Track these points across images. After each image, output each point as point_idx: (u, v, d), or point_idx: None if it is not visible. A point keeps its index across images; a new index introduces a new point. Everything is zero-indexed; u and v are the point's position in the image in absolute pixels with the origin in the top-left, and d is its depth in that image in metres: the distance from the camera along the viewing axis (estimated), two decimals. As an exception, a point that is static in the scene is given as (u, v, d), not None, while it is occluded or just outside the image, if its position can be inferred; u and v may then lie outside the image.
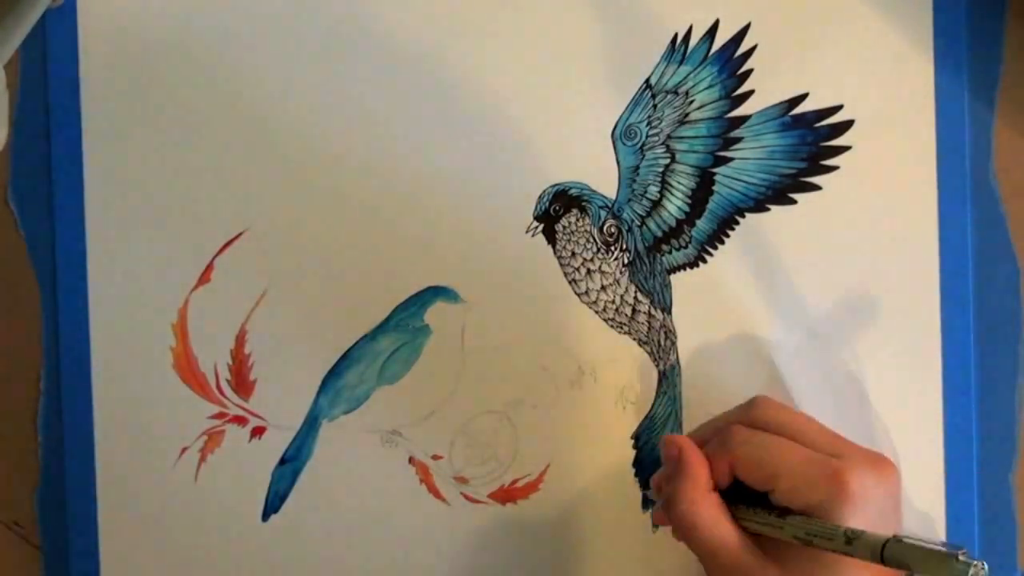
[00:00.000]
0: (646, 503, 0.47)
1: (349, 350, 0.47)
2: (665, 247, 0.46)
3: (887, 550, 0.34)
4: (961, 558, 0.32)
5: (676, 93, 0.46)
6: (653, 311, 0.46)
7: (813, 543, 0.37)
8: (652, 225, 0.46)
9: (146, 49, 0.47)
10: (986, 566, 0.32)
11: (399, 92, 0.46)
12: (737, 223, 0.46)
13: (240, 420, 0.47)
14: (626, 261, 0.46)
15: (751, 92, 0.46)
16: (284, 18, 0.46)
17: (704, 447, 0.41)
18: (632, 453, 0.46)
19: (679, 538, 0.41)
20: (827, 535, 0.37)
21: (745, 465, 0.40)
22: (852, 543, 0.36)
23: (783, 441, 0.40)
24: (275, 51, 0.46)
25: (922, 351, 0.45)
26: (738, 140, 0.46)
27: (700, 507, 0.39)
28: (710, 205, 0.46)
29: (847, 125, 0.45)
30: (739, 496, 0.40)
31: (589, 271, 0.46)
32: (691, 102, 0.46)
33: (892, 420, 0.45)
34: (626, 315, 0.46)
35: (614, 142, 0.46)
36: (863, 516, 0.37)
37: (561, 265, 0.46)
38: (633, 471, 0.46)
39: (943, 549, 0.33)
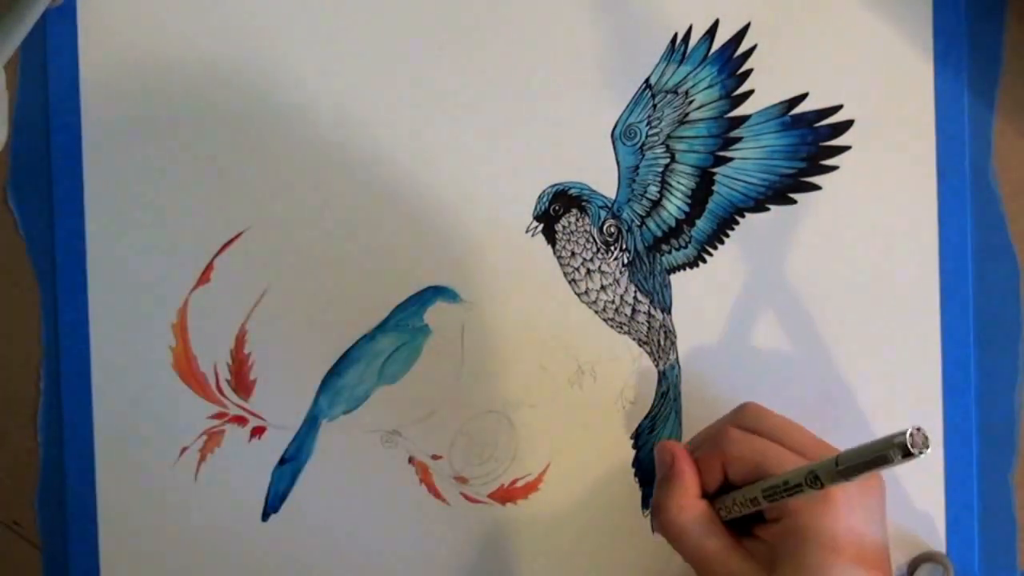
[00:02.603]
0: (646, 503, 0.47)
1: (349, 350, 0.47)
2: (665, 247, 0.46)
3: (840, 462, 0.35)
4: (898, 439, 0.33)
5: (676, 93, 0.46)
6: (653, 311, 0.46)
7: (778, 497, 0.38)
8: (652, 225, 0.46)
9: (146, 49, 0.47)
10: (921, 429, 0.32)
11: (399, 92, 0.46)
12: (737, 223, 0.46)
13: (240, 420, 0.47)
14: (626, 261, 0.46)
15: (751, 92, 0.46)
16: (284, 18, 0.46)
17: (696, 453, 0.42)
18: (632, 453, 0.47)
19: (669, 542, 0.41)
20: (781, 484, 0.37)
21: (735, 465, 0.40)
22: (814, 474, 0.36)
23: (771, 444, 0.40)
24: (275, 51, 0.46)
25: (922, 351, 0.45)
26: (738, 140, 0.46)
27: (688, 514, 0.40)
28: (710, 205, 0.46)
29: (847, 125, 0.45)
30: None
31: (589, 271, 0.46)
32: (691, 102, 0.46)
33: (892, 420, 0.45)
34: (626, 315, 0.46)
35: (614, 142, 0.46)
36: (845, 523, 0.37)
37: (561, 265, 0.46)
38: (633, 471, 0.46)
39: (882, 438, 0.34)
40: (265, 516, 0.47)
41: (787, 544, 0.38)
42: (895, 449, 0.33)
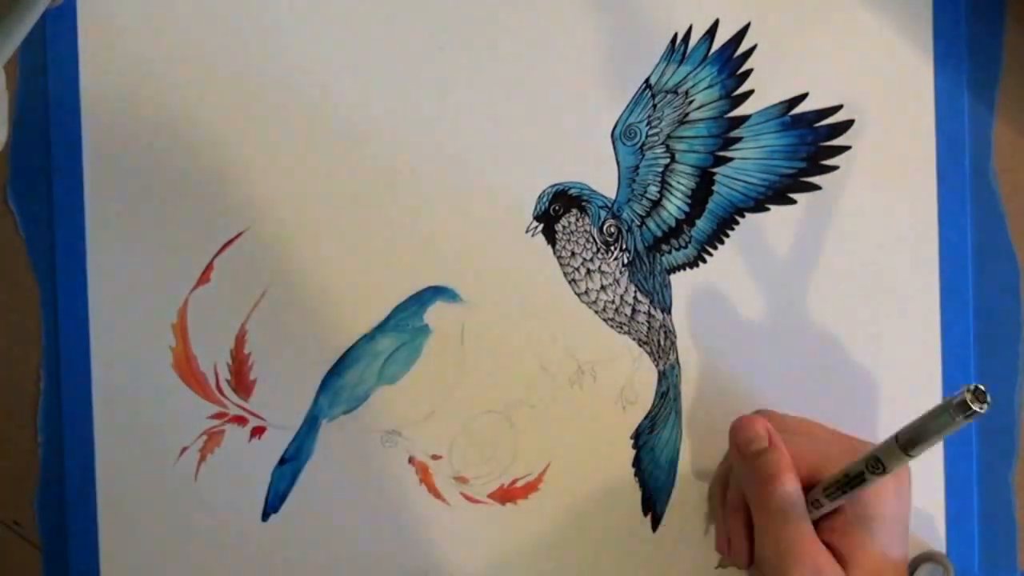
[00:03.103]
0: (645, 505, 0.47)
1: (349, 350, 0.47)
2: (665, 247, 0.46)
3: (899, 439, 0.35)
4: (956, 399, 0.32)
5: (676, 93, 0.46)
6: (653, 311, 0.46)
7: (840, 493, 0.38)
8: (652, 225, 0.46)
9: (146, 49, 0.47)
10: (976, 386, 0.32)
11: (399, 92, 0.46)
12: (737, 223, 0.46)
13: (240, 420, 0.47)
14: (626, 261, 0.46)
15: (751, 92, 0.46)
16: (284, 18, 0.46)
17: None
18: (632, 453, 0.46)
19: (759, 519, 0.40)
20: (851, 473, 0.38)
21: (794, 461, 0.40)
22: (876, 460, 0.36)
23: (808, 436, 0.41)
24: (275, 50, 0.46)
25: (922, 351, 0.45)
26: (738, 140, 0.46)
27: (796, 492, 0.39)
28: (710, 205, 0.46)
29: (847, 125, 0.45)
30: None
31: (589, 271, 0.46)
32: (691, 102, 0.46)
33: (892, 420, 0.45)
34: (626, 315, 0.46)
35: (614, 142, 0.46)
36: (889, 501, 0.39)
37: (561, 265, 0.46)
38: (633, 471, 0.46)
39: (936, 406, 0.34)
40: (265, 516, 0.47)
41: (852, 537, 0.39)
42: (954, 410, 0.32)
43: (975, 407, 0.32)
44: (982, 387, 0.32)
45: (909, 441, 0.35)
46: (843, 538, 0.39)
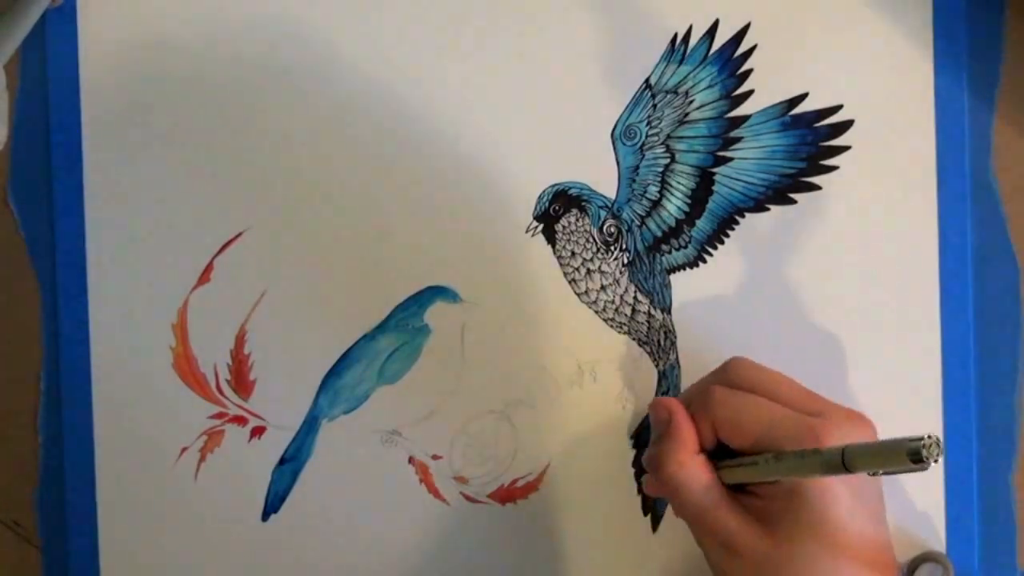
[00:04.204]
0: (645, 505, 0.47)
1: (349, 350, 0.47)
2: (665, 247, 0.46)
3: (846, 455, 0.34)
4: (911, 443, 0.32)
5: (676, 93, 0.46)
6: (653, 311, 0.46)
7: (780, 476, 0.37)
8: (652, 225, 0.46)
9: (146, 49, 0.47)
10: (937, 438, 0.31)
11: (398, 92, 0.46)
12: (737, 223, 0.46)
13: (240, 420, 0.47)
14: (626, 261, 0.46)
15: (751, 92, 0.46)
16: (284, 18, 0.46)
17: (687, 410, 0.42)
18: (632, 453, 0.46)
19: (667, 499, 0.41)
20: (786, 459, 0.37)
21: (725, 426, 0.40)
22: (805, 457, 0.36)
23: (761, 400, 0.39)
24: (275, 50, 0.46)
25: (922, 351, 0.45)
26: (738, 140, 0.46)
27: (688, 469, 0.39)
28: (710, 205, 0.46)
29: (847, 125, 0.45)
30: (722, 456, 0.40)
31: (589, 271, 0.46)
32: (691, 102, 0.46)
33: (892, 420, 0.45)
34: (626, 315, 0.46)
35: (614, 142, 0.46)
36: (843, 481, 0.37)
37: (561, 265, 0.46)
38: (633, 471, 0.46)
39: (895, 439, 0.33)
40: (265, 516, 0.47)
41: (785, 502, 0.38)
42: (906, 453, 0.32)
43: (927, 459, 0.31)
44: (939, 439, 0.32)
45: (853, 464, 0.34)
46: (771, 502, 0.39)
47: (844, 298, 0.46)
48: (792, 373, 0.45)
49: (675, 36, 0.46)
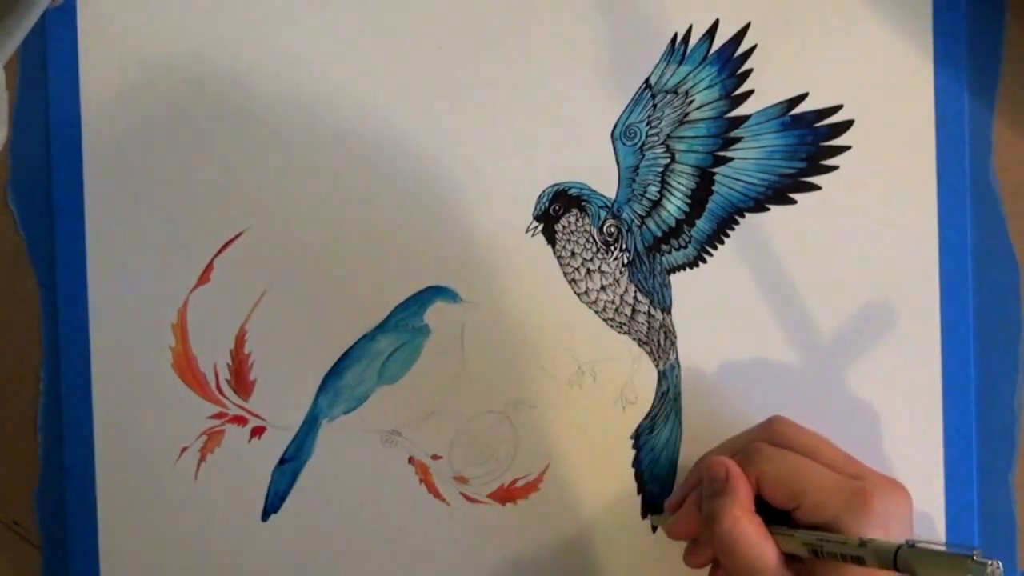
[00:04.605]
0: (645, 505, 0.47)
1: (349, 350, 0.47)
2: (665, 247, 0.46)
3: (900, 555, 0.34)
4: (976, 559, 0.32)
5: (676, 93, 0.46)
6: (653, 311, 0.46)
7: (825, 550, 0.37)
8: (652, 225, 0.46)
9: (146, 49, 0.47)
10: (1000, 565, 0.32)
11: (399, 92, 0.46)
12: (737, 223, 0.46)
13: (240, 420, 0.47)
14: (626, 261, 0.46)
15: (751, 92, 0.46)
16: (284, 18, 0.46)
17: None
18: (632, 453, 0.46)
19: (719, 555, 0.40)
20: (840, 542, 0.37)
21: (771, 482, 0.40)
22: (865, 546, 0.36)
23: (807, 460, 0.40)
24: (275, 50, 0.46)
25: (922, 351, 0.45)
26: (738, 140, 0.46)
27: (745, 525, 0.40)
28: (710, 205, 0.46)
29: (847, 125, 0.45)
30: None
31: (589, 271, 0.46)
32: (691, 102, 0.46)
33: (892, 420, 0.45)
34: (626, 315, 0.46)
35: (614, 142, 0.46)
36: (883, 536, 0.38)
37: (561, 265, 0.46)
38: (633, 471, 0.46)
39: (958, 551, 0.33)
40: (265, 516, 0.47)
41: (825, 568, 0.38)
42: (973, 567, 0.32)
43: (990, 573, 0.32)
44: (1000, 568, 0.32)
45: (906, 565, 0.34)
46: (814, 566, 0.39)
47: (844, 298, 0.46)
48: (792, 373, 0.45)
49: (675, 36, 0.46)
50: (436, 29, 0.46)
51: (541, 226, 0.46)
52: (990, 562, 0.32)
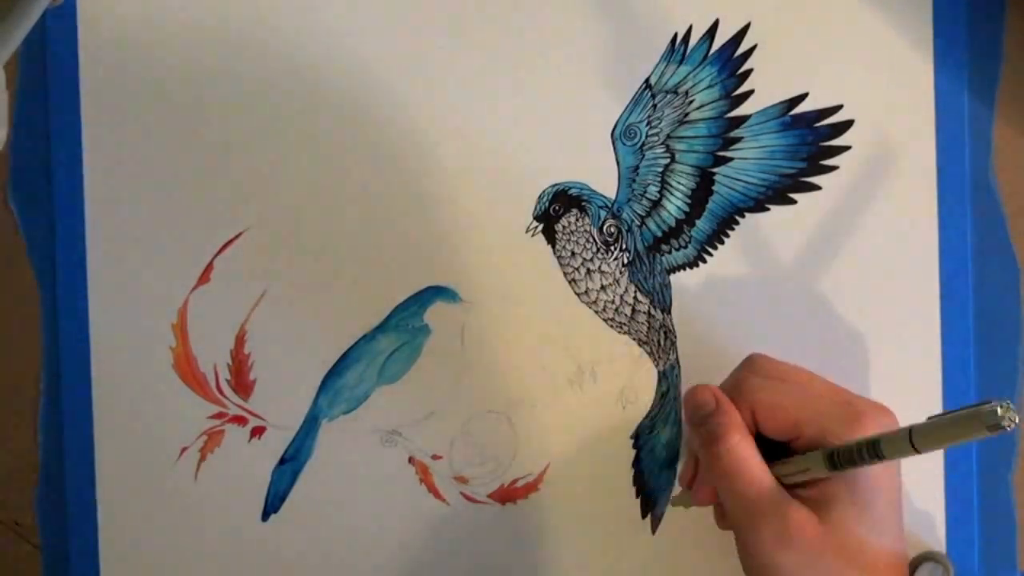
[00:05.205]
0: (645, 505, 0.47)
1: (349, 350, 0.47)
2: (665, 247, 0.46)
3: (915, 434, 0.34)
4: (986, 408, 0.31)
5: (676, 93, 0.46)
6: (653, 311, 0.46)
7: (840, 467, 0.36)
8: (652, 225, 0.46)
9: (146, 49, 0.47)
10: (1011, 404, 0.31)
11: (398, 92, 0.46)
12: (737, 223, 0.46)
13: (240, 420, 0.47)
14: (626, 261, 0.46)
15: (751, 92, 0.46)
16: (284, 18, 0.46)
17: None
18: (632, 453, 0.46)
19: (717, 484, 0.39)
20: (850, 450, 0.36)
21: (768, 412, 0.39)
22: (878, 446, 0.35)
23: (796, 386, 0.39)
24: (275, 50, 0.46)
25: (922, 351, 0.45)
26: (738, 140, 0.46)
27: (742, 448, 0.38)
28: (710, 205, 0.46)
29: (847, 125, 0.45)
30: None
31: (589, 271, 0.46)
32: (691, 102, 0.46)
33: (892, 420, 0.45)
34: (626, 315, 0.46)
35: (614, 142, 0.46)
36: (892, 475, 0.38)
37: (561, 265, 0.46)
38: (633, 471, 0.46)
39: (967, 408, 0.32)
40: (265, 516, 0.47)
41: (835, 486, 0.37)
42: (981, 421, 0.31)
43: (1005, 423, 0.31)
44: (1010, 404, 0.31)
45: (924, 440, 0.33)
46: (823, 486, 0.38)
47: (844, 298, 0.46)
48: (792, 373, 0.45)
49: (675, 36, 0.46)
50: (436, 29, 0.46)
51: (541, 226, 0.46)
52: (999, 405, 0.31)
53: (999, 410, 0.31)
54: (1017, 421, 0.31)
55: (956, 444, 0.33)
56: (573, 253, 0.46)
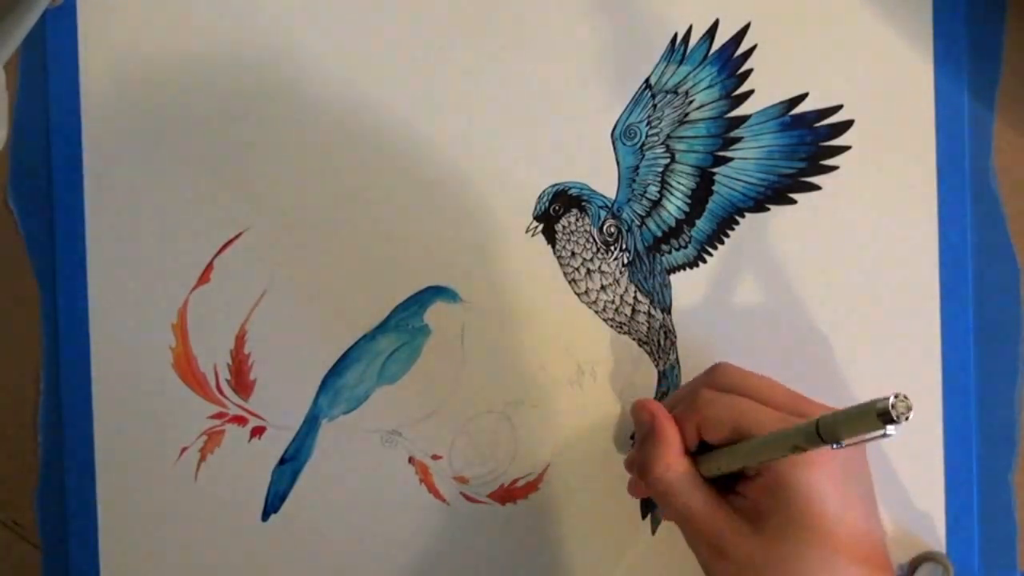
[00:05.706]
0: (645, 505, 0.47)
1: (349, 350, 0.47)
2: (665, 247, 0.46)
3: (821, 426, 0.34)
4: (880, 403, 0.31)
5: (676, 93, 0.46)
6: (653, 311, 0.46)
7: (762, 460, 0.37)
8: (652, 225, 0.46)
9: (146, 49, 0.47)
10: (906, 397, 0.31)
11: (398, 93, 0.46)
12: (737, 223, 0.46)
13: (240, 420, 0.47)
14: (626, 261, 0.46)
15: (751, 92, 0.46)
16: (284, 19, 0.46)
17: (671, 413, 0.42)
18: (632, 453, 0.46)
19: (656, 501, 0.41)
20: (765, 443, 0.37)
21: (711, 426, 0.40)
22: (788, 436, 0.36)
23: (747, 402, 0.40)
24: (275, 50, 0.46)
25: (922, 351, 0.45)
26: (738, 140, 0.46)
27: (673, 472, 0.40)
28: (710, 205, 0.46)
29: (847, 125, 0.45)
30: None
31: (589, 271, 0.46)
32: (691, 102, 0.46)
33: (892, 420, 0.45)
34: (626, 315, 0.46)
35: (614, 142, 0.46)
36: (829, 475, 0.37)
37: (561, 265, 0.46)
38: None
39: (866, 403, 0.32)
40: (265, 516, 0.47)
41: (772, 500, 0.38)
42: (876, 414, 0.31)
43: (897, 418, 0.31)
44: (907, 397, 0.31)
45: (828, 431, 0.34)
46: (758, 500, 0.38)
47: (844, 298, 0.46)
48: (792, 372, 0.45)
49: (675, 36, 0.46)
50: (436, 29, 0.46)
51: (541, 226, 0.46)
52: (891, 399, 0.31)
53: (891, 400, 0.31)
54: (911, 415, 0.31)
55: (864, 439, 0.33)
56: (573, 253, 0.46)
